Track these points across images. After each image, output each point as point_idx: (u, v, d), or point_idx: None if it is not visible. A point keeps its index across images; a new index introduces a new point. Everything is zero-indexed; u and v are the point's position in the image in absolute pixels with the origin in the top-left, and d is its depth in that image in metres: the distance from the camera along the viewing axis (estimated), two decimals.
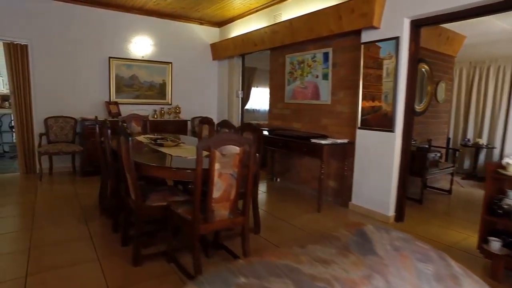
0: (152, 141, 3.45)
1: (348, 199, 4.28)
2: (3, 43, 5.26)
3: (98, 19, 5.80)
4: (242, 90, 6.73)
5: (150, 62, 6.33)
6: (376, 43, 3.78)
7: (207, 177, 2.15)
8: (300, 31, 4.62)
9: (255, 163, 2.35)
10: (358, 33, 4.02)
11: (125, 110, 6.01)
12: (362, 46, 3.94)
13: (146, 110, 6.31)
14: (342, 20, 4.00)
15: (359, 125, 4.06)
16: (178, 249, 2.79)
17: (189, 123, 6.60)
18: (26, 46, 5.33)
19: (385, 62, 3.72)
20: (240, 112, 6.77)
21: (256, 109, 9.70)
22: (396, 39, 3.57)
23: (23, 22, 5.24)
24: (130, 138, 2.38)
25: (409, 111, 3.70)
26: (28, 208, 3.85)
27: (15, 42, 5.27)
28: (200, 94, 7.03)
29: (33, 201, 4.08)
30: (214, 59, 7.05)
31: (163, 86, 6.53)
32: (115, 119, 5.68)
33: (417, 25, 3.52)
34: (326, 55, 4.57)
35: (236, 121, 6.64)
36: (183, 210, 2.36)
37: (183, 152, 2.99)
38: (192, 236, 2.22)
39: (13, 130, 7.13)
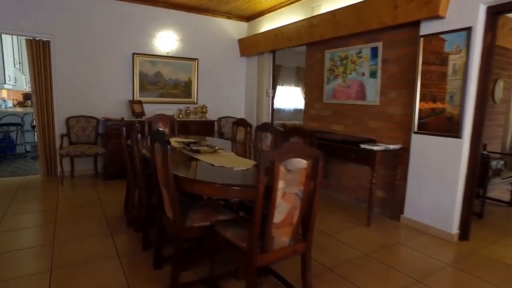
0: (186, 146, 3.05)
1: (400, 211, 3.80)
2: (26, 39, 4.98)
3: (122, 13, 5.46)
4: (272, 88, 6.30)
5: (175, 58, 5.96)
6: (441, 36, 3.29)
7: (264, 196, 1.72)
8: (344, 24, 4.15)
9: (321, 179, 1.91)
10: (415, 24, 3.53)
11: (149, 110, 5.67)
12: (422, 39, 3.45)
13: (171, 109, 5.96)
14: (397, 9, 3.52)
15: (415, 129, 3.57)
16: (221, 276, 2.38)
17: (215, 123, 6.21)
18: (48, 42, 5.04)
19: (451, 57, 3.22)
20: (270, 112, 6.33)
21: (281, 109, 9.27)
22: (468, 30, 3.07)
23: (45, 17, 4.94)
24: (169, 147, 1.98)
25: (480, 115, 3.19)
26: (50, 217, 3.51)
27: (37, 38, 4.98)
28: (227, 92, 6.63)
29: (54, 209, 3.75)
30: (242, 55, 6.64)
31: (188, 84, 6.16)
32: (139, 119, 5.34)
33: (495, 12, 3.01)
34: (374, 51, 4.09)
35: (266, 121, 6.21)
36: (233, 234, 1.95)
37: (226, 161, 2.58)
38: (247, 269, 1.81)
39: (35, 129, 6.90)
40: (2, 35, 6.46)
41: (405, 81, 3.76)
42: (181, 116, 5.94)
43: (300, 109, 10.74)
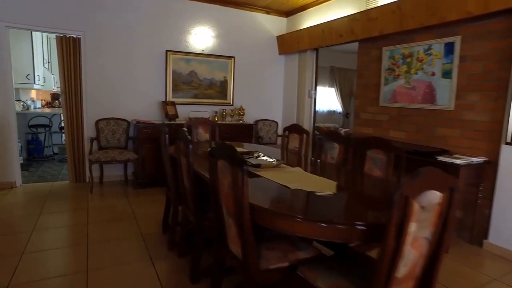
0: None
1: (482, 235, 3.21)
2: (56, 36, 4.65)
3: (156, 8, 5.07)
4: (315, 89, 5.77)
5: (211, 56, 5.53)
6: None
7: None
8: (412, 16, 3.59)
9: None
10: (509, 12, 2.94)
11: (182, 112, 5.26)
12: None
13: (205, 111, 5.52)
14: None
15: (508, 139, 2.97)
16: None
17: (253, 127, 5.73)
18: (78, 39, 4.69)
19: None
20: (312, 115, 5.81)
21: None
22: None
23: (76, 13, 4.60)
24: (245, 168, 1.49)
25: None
26: (81, 235, 3.12)
27: (68, 35, 4.64)
28: (263, 94, 6.15)
29: (85, 223, 3.36)
30: (280, 53, 6.14)
31: (224, 84, 5.71)
32: (172, 121, 4.93)
33: None
34: (449, 46, 3.51)
35: (307, 125, 5.69)
36: (329, 285, 1.44)
37: (297, 179, 2.08)
38: None
39: (63, 131, 6.62)
40: (33, 34, 6.19)
41: (493, 81, 3.17)
42: (216, 119, 5.49)
43: (334, 111, 10.20)
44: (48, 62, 7.52)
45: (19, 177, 4.62)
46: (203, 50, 5.46)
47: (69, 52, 4.66)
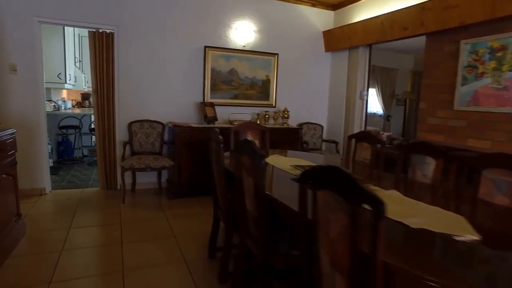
0: None
1: None
2: (88, 32, 4.28)
3: (194, 0, 4.62)
4: (367, 90, 5.17)
5: (252, 53, 5.03)
6: None
7: None
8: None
9: None
10: None
11: (221, 114, 4.79)
12: None
13: (246, 113, 5.03)
14: None
15: None
16: None
17: (299, 132, 5.18)
18: (111, 34, 4.30)
19: None
20: (364, 119, 5.21)
21: None
22: None
23: (110, 6, 4.21)
24: (382, 209, 0.95)
25: None
26: (114, 259, 2.68)
27: (101, 30, 4.26)
28: (307, 94, 5.59)
29: (118, 242, 2.93)
30: (327, 50, 5.57)
31: (266, 83, 5.20)
32: (211, 125, 4.46)
33: None
34: None
35: (357, 130, 5.10)
36: None
37: (411, 212, 1.52)
38: None
39: (93, 133, 6.31)
40: (65, 31, 5.91)
41: None
42: (258, 122, 4.98)
43: (374, 113, 9.48)
44: (80, 61, 7.27)
45: (48, 183, 4.28)
46: (244, 46, 4.97)
47: (102, 48, 4.28)
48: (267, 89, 5.22)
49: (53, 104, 6.07)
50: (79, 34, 7.25)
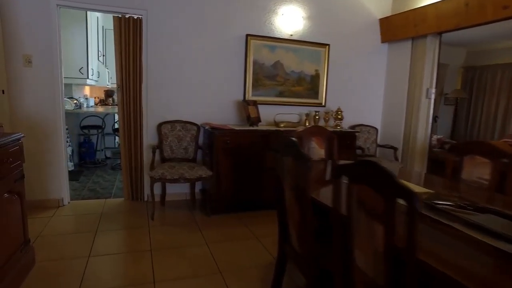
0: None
1: None
2: (113, 17, 3.66)
3: None
4: (435, 87, 4.35)
5: (301, 43, 4.30)
6: None
7: None
8: None
9: None
10: None
11: (263, 114, 4.09)
12: None
13: (294, 114, 4.32)
14: None
15: None
16: None
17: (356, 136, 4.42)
18: (139, 20, 3.67)
19: None
20: (430, 122, 4.39)
21: None
22: None
23: None
24: None
25: None
26: None
27: (127, 15, 3.63)
28: (359, 91, 4.82)
29: (149, 280, 2.28)
30: (384, 40, 4.77)
31: (315, 79, 4.46)
32: (255, 127, 3.77)
33: None
34: None
35: (422, 134, 4.31)
36: None
37: None
38: None
39: (117, 133, 5.74)
40: (88, 22, 5.35)
41: None
42: (307, 124, 4.26)
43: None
44: (103, 56, 6.73)
45: (66, 193, 3.70)
46: (291, 35, 4.24)
47: (128, 37, 3.65)
48: (316, 85, 4.48)
49: (74, 101, 5.53)
50: (103, 26, 6.72)
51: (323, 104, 4.54)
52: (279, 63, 4.24)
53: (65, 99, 5.01)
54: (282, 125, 3.99)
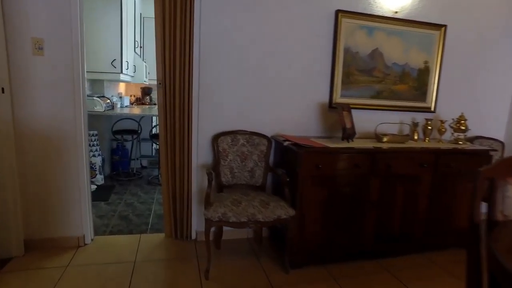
0: None
1: None
2: None
3: None
4: None
5: (408, 24, 3.06)
6: None
7: None
8: None
9: None
10: None
11: (355, 122, 2.90)
12: None
13: (402, 123, 3.11)
14: None
15: None
16: None
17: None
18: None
19: None
20: None
21: None
22: None
23: None
24: None
25: None
26: None
27: None
28: (480, 93, 3.50)
29: None
30: None
31: (423, 74, 3.22)
32: (350, 141, 2.59)
33: None
34: None
35: None
36: None
37: None
38: None
39: (154, 140, 4.78)
40: (124, 8, 4.39)
41: None
42: (416, 137, 3.03)
43: None
44: (140, 47, 5.80)
45: (89, 227, 2.70)
46: (396, 13, 3.02)
47: (174, 13, 2.58)
48: (423, 83, 3.23)
49: (107, 101, 4.60)
50: (140, 14, 5.80)
51: (432, 109, 3.29)
52: (378, 51, 3.03)
53: (95, 98, 4.10)
54: (385, 139, 2.79)
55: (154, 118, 5.26)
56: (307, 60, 2.88)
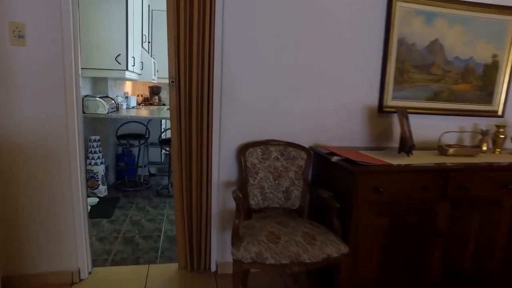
0: None
1: None
2: None
3: None
4: None
5: (476, 7, 2.50)
6: None
7: None
8: None
9: None
10: None
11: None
12: None
13: (473, 131, 2.55)
14: None
15: None
16: None
17: None
18: None
19: None
20: None
21: None
22: None
23: None
24: None
25: None
26: None
27: None
28: None
29: None
30: None
31: (490, 71, 2.65)
32: (409, 154, 2.04)
33: None
34: None
35: None
36: None
37: None
38: None
39: (164, 146, 4.27)
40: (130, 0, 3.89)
41: None
42: (484, 148, 2.47)
43: None
44: (149, 42, 5.30)
45: (85, 258, 2.20)
46: None
47: (191, 7, 2.05)
48: (490, 82, 2.67)
49: (111, 102, 4.10)
50: (149, 5, 5.30)
51: (500, 113, 2.72)
52: (438, 43, 2.48)
53: (98, 99, 3.61)
54: (450, 152, 2.24)
55: (163, 121, 4.75)
56: (352, 55, 2.34)
